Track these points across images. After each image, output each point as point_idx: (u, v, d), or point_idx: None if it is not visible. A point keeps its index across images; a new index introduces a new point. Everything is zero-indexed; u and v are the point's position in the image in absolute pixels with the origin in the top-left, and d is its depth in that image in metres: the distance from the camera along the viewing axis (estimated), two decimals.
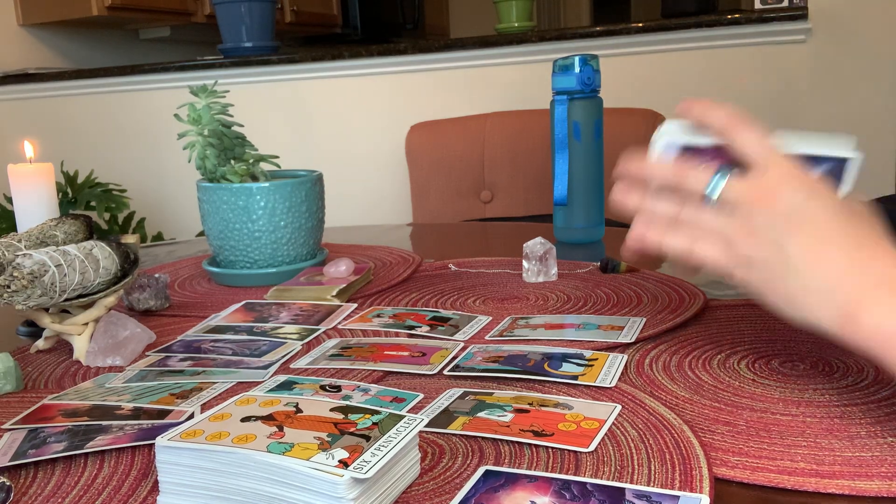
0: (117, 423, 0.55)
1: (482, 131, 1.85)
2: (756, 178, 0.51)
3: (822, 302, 0.47)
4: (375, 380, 0.62)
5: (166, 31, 3.48)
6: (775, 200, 0.49)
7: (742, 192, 0.51)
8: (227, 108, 0.94)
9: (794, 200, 0.49)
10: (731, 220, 0.51)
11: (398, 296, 0.88)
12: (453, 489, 0.45)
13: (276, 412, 0.46)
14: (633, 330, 0.70)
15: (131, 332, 0.71)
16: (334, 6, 3.98)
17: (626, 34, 2.13)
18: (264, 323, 0.78)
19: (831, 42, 2.03)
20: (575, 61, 1.05)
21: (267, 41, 2.52)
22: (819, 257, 0.48)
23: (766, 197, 0.50)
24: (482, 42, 2.27)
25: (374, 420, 0.45)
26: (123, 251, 0.75)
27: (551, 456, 0.48)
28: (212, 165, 0.94)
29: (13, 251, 0.69)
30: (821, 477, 0.44)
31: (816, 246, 0.48)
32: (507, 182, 1.83)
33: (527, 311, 0.80)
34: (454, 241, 1.29)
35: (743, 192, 0.51)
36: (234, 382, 0.63)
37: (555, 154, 1.07)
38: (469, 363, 0.64)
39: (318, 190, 0.99)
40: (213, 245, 0.97)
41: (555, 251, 0.91)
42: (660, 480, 0.44)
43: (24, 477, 0.49)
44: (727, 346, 0.66)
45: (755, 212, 0.50)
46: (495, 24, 2.54)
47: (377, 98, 2.41)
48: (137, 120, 2.65)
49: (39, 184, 0.86)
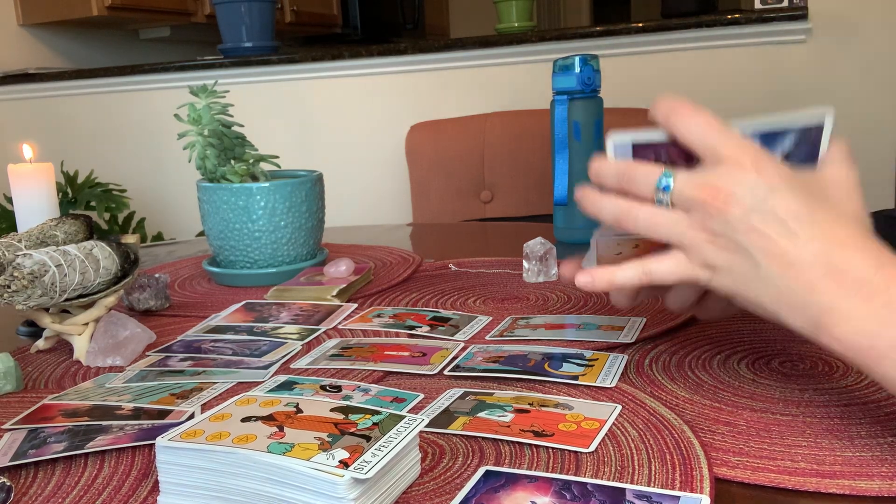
0: (118, 424, 0.55)
1: (482, 131, 1.85)
2: (707, 174, 0.46)
3: (795, 310, 0.45)
4: (376, 380, 0.62)
5: (166, 31, 3.48)
6: (733, 199, 0.44)
7: (694, 191, 0.45)
8: (227, 108, 0.94)
9: (755, 197, 0.44)
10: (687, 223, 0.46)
11: (398, 296, 0.88)
12: (454, 489, 0.45)
13: (276, 412, 0.46)
14: (634, 330, 0.70)
15: (131, 332, 0.71)
16: (334, 6, 3.98)
17: (626, 34, 2.13)
18: (264, 323, 0.78)
19: (831, 42, 2.03)
20: (575, 61, 1.05)
21: (267, 41, 2.52)
22: (787, 262, 0.44)
23: (720, 196, 0.45)
24: (482, 42, 2.27)
25: (375, 420, 0.45)
26: (123, 251, 0.75)
27: (552, 456, 0.48)
28: (212, 165, 0.94)
29: (13, 251, 0.69)
30: (821, 477, 0.44)
31: (783, 250, 0.44)
32: (507, 182, 1.83)
33: (527, 311, 0.80)
34: (454, 241, 1.29)
35: (695, 191, 0.45)
36: (234, 382, 0.63)
37: (555, 154, 1.07)
38: (469, 363, 0.64)
39: (318, 190, 0.99)
40: (213, 245, 0.97)
41: (555, 251, 0.91)
42: (660, 481, 0.44)
43: (24, 477, 0.49)
44: (727, 346, 0.66)
45: (712, 214, 0.45)
46: (495, 24, 2.54)
47: (377, 98, 2.41)
48: (137, 120, 2.65)
49: (39, 184, 0.85)
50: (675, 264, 0.48)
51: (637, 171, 0.49)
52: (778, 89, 2.07)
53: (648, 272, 0.49)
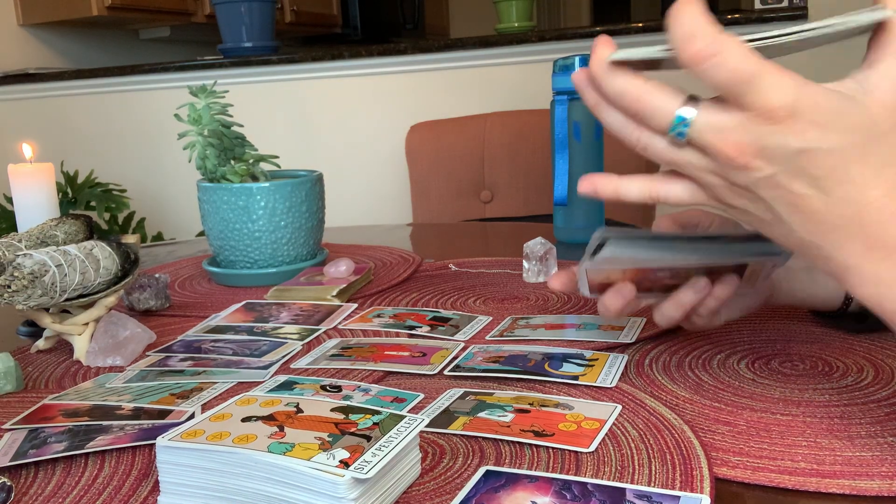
0: (118, 424, 0.55)
1: (482, 131, 1.85)
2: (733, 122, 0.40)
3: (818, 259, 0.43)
4: (376, 380, 0.62)
5: (166, 31, 3.48)
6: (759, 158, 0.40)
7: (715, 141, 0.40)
8: (227, 108, 0.94)
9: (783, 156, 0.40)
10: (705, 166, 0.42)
11: (398, 296, 0.88)
12: (454, 489, 0.45)
13: (276, 412, 0.46)
14: (634, 330, 0.70)
15: (131, 332, 0.71)
16: (334, 6, 3.98)
17: (626, 34, 2.13)
18: (264, 323, 0.78)
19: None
20: (575, 61, 1.05)
21: (267, 41, 2.52)
22: (816, 220, 0.41)
23: (746, 153, 0.40)
24: (482, 42, 2.27)
25: (375, 420, 0.45)
26: (124, 251, 0.75)
27: (552, 456, 0.48)
28: (212, 165, 0.94)
29: (13, 251, 0.69)
30: (821, 477, 0.44)
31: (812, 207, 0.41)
32: (507, 182, 1.83)
33: (527, 311, 0.80)
34: (454, 241, 1.29)
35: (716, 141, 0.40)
36: (234, 382, 0.63)
37: (555, 154, 1.07)
38: (469, 363, 0.64)
39: (318, 190, 0.99)
40: (214, 245, 0.97)
41: (555, 251, 0.91)
42: (660, 481, 0.44)
43: (24, 477, 0.49)
44: (727, 346, 0.66)
45: (733, 169, 0.41)
46: (495, 24, 2.54)
47: (377, 98, 2.41)
48: (137, 120, 2.65)
49: (39, 184, 0.86)
50: (687, 193, 0.44)
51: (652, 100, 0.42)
52: None
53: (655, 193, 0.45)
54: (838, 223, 0.41)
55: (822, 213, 0.41)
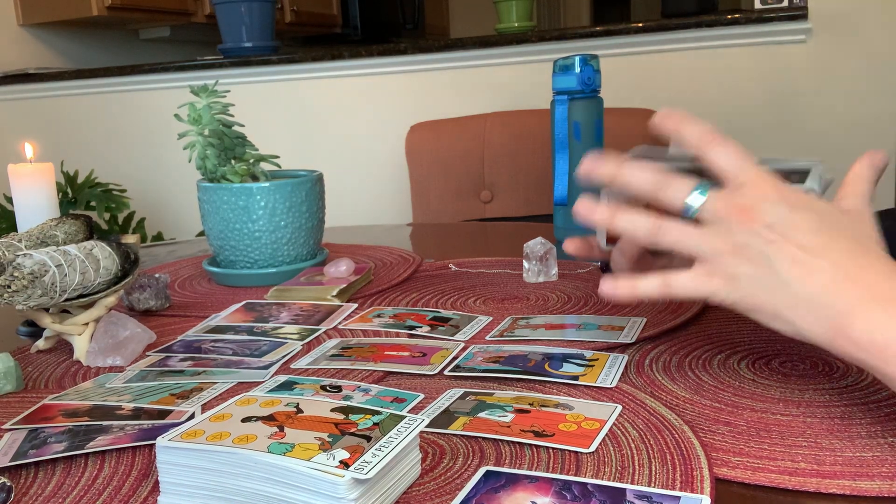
0: (118, 424, 0.55)
1: (482, 131, 1.85)
2: (734, 193, 0.49)
3: (812, 315, 0.47)
4: (376, 380, 0.62)
5: (166, 31, 3.48)
6: (758, 215, 0.48)
7: (722, 208, 0.49)
8: (228, 108, 0.94)
9: (778, 213, 0.48)
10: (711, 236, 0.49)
11: (398, 296, 0.88)
12: (454, 490, 0.45)
13: (276, 412, 0.46)
14: (634, 330, 0.70)
15: (131, 332, 0.71)
16: (334, 6, 3.98)
17: (626, 34, 2.13)
18: (264, 323, 0.78)
19: (831, 42, 2.03)
20: (575, 61, 1.05)
21: (267, 41, 2.52)
22: (808, 269, 0.47)
23: (747, 212, 0.48)
24: (482, 42, 2.27)
25: (375, 420, 0.45)
26: (124, 251, 0.75)
27: (552, 456, 0.48)
28: (212, 165, 0.94)
29: (13, 251, 0.69)
30: (822, 477, 0.44)
31: (804, 258, 0.47)
32: (507, 182, 1.83)
33: (527, 311, 0.80)
34: (454, 241, 1.29)
35: (723, 208, 0.49)
36: (234, 382, 0.63)
37: (555, 154, 1.07)
38: (469, 363, 0.64)
39: (319, 190, 0.99)
40: (214, 245, 0.97)
41: (555, 251, 0.91)
42: (661, 481, 0.44)
43: (24, 477, 0.49)
44: (727, 346, 0.66)
45: (737, 228, 0.48)
46: (495, 24, 2.54)
47: (377, 98, 2.41)
48: (137, 120, 2.65)
49: (39, 184, 0.86)
50: (693, 278, 0.50)
51: (672, 182, 0.51)
52: (778, 89, 2.07)
53: (669, 285, 0.51)
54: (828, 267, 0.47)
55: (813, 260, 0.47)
